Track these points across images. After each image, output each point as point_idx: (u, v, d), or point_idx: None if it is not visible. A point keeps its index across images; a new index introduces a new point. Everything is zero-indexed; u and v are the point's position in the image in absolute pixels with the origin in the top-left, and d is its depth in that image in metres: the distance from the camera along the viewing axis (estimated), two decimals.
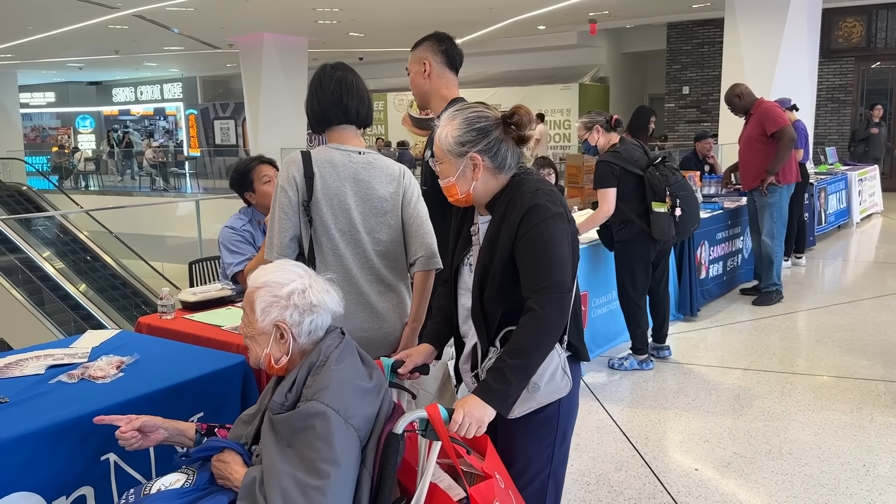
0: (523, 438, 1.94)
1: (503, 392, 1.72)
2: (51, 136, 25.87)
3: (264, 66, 14.61)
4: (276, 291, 1.72)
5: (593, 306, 4.86)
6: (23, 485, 1.85)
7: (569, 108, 17.25)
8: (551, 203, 1.82)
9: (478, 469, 1.73)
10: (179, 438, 1.87)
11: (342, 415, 1.59)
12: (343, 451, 1.56)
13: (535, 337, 1.75)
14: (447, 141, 1.89)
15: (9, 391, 2.11)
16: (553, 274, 1.77)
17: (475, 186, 1.89)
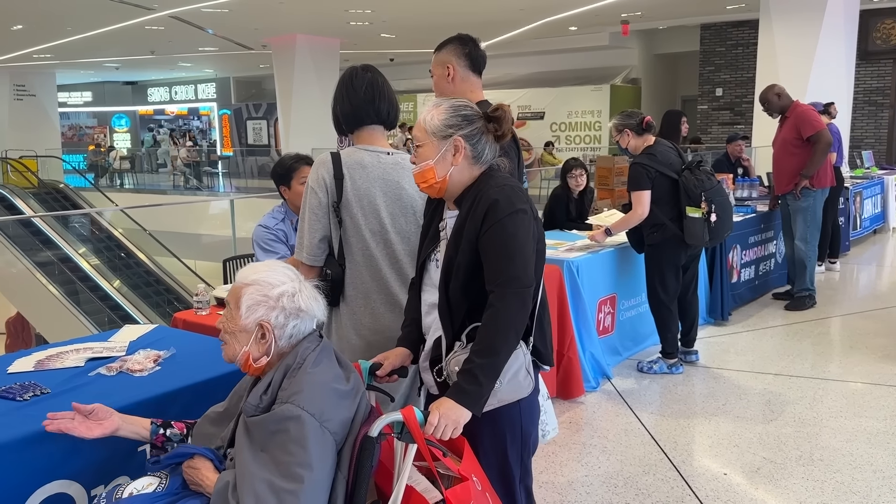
0: (486, 439, 1.94)
1: (476, 393, 1.74)
2: (87, 134, 26.36)
3: (297, 67, 14.75)
4: (266, 291, 1.71)
5: (622, 309, 4.84)
6: (63, 473, 1.90)
7: (600, 110, 17.15)
8: (516, 199, 1.85)
9: (454, 471, 1.74)
10: (136, 428, 1.85)
11: (317, 418, 1.58)
12: (318, 455, 1.56)
13: (498, 334, 1.76)
14: (433, 123, 1.91)
15: (50, 382, 2.17)
16: (515, 268, 1.79)
17: (452, 173, 1.91)
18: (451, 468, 1.75)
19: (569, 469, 3.30)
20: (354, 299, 2.34)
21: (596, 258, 4.55)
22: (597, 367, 4.43)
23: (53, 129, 20.65)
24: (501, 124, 1.92)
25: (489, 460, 1.97)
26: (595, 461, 3.37)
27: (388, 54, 17.64)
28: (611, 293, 4.71)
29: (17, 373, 2.28)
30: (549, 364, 2.03)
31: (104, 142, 24.11)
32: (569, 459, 3.39)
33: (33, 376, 2.24)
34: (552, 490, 3.11)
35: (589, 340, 4.40)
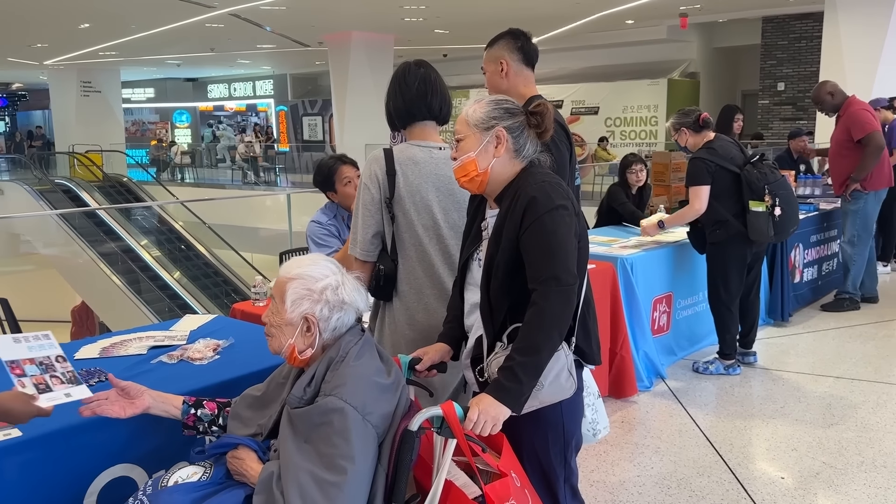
0: (528, 439, 1.93)
1: (516, 391, 1.72)
2: (150, 130, 27.13)
3: (352, 63, 14.90)
4: (310, 285, 1.73)
5: (678, 308, 4.76)
6: (127, 457, 1.97)
7: (656, 105, 16.85)
8: (555, 195, 1.82)
9: (493, 467, 1.73)
10: (168, 407, 1.88)
11: (360, 411, 1.60)
12: (360, 448, 1.57)
13: (541, 332, 1.74)
14: (476, 115, 1.91)
15: (114, 369, 2.25)
16: (556, 265, 1.76)
17: (493, 165, 1.89)
18: (491, 464, 1.75)
19: (621, 469, 3.26)
20: (408, 294, 2.35)
21: (651, 255, 4.48)
22: (651, 366, 4.36)
23: (118, 124, 21.30)
24: (543, 120, 1.90)
25: (531, 460, 1.96)
26: (648, 461, 3.32)
27: (442, 50, 17.66)
28: (667, 291, 4.63)
29: (83, 359, 2.37)
30: (595, 363, 2.01)
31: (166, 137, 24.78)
32: (621, 459, 3.36)
33: (98, 363, 2.32)
34: (603, 489, 3.08)
35: (643, 339, 4.34)
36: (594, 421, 2.44)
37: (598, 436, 2.48)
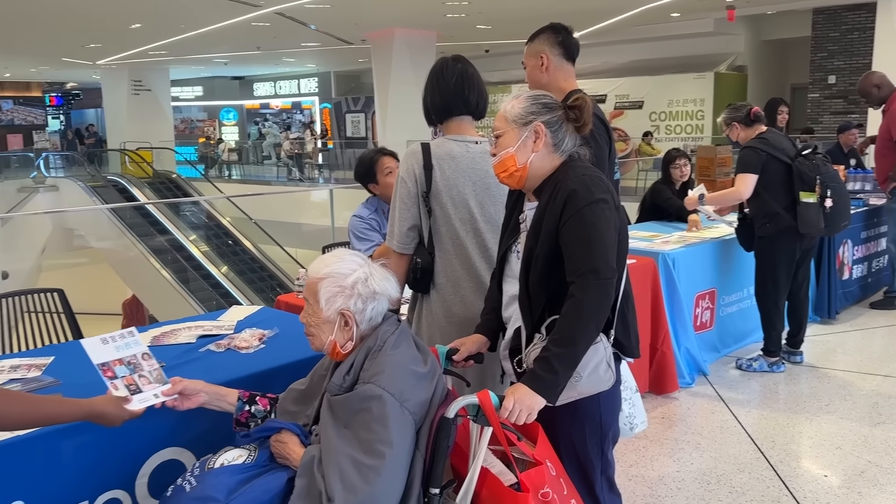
0: (565, 430, 1.95)
1: (551, 381, 1.74)
2: (198, 127, 27.70)
3: (394, 60, 14.99)
4: (341, 282, 1.77)
5: (721, 304, 4.71)
6: (177, 440, 2.06)
7: (702, 99, 16.56)
8: (595, 188, 1.83)
9: (529, 456, 1.76)
10: (221, 402, 1.94)
11: (397, 398, 1.64)
12: (398, 434, 1.61)
13: (579, 324, 1.75)
14: (514, 111, 1.93)
15: (164, 356, 2.34)
16: (595, 258, 1.77)
17: (532, 160, 1.90)
18: (526, 452, 1.78)
19: (660, 464, 3.26)
20: (445, 287, 2.39)
21: (694, 251, 4.44)
22: (692, 363, 4.33)
23: (167, 122, 21.79)
24: (582, 114, 1.91)
25: (569, 451, 1.98)
26: (688, 457, 3.31)
27: (484, 45, 17.64)
28: (710, 287, 4.58)
29: None
30: (633, 356, 2.02)
31: (214, 134, 25.28)
32: (660, 454, 3.35)
33: (149, 350, 2.41)
34: (642, 483, 3.08)
35: (684, 335, 4.30)
36: (631, 415, 2.45)
37: (634, 430, 2.48)
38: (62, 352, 2.50)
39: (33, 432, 1.80)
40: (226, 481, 1.67)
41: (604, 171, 2.58)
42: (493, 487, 1.72)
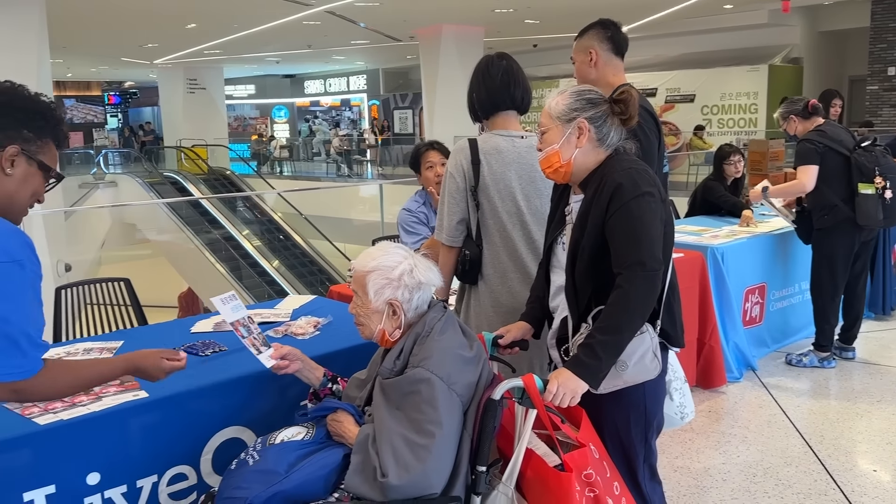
0: (610, 418, 1.99)
1: (594, 367, 1.78)
2: (251, 125, 28.26)
3: (442, 56, 15.07)
4: (388, 274, 1.85)
5: (771, 299, 4.67)
6: (239, 420, 2.18)
7: (756, 92, 16.22)
8: (642, 181, 1.86)
9: (572, 439, 1.82)
10: (309, 374, 2.07)
11: (445, 381, 1.72)
12: (446, 414, 1.70)
13: (625, 314, 1.79)
14: (557, 108, 1.96)
15: (226, 341, 2.47)
16: (642, 251, 1.80)
17: (576, 155, 1.94)
18: (570, 435, 1.84)
19: (706, 456, 3.27)
20: (493, 278, 2.47)
21: (743, 245, 4.41)
22: (741, 357, 4.31)
23: (221, 119, 22.27)
24: (627, 107, 1.94)
25: (613, 438, 2.03)
26: (734, 450, 3.31)
27: (531, 40, 17.59)
28: (760, 282, 4.55)
29: (199, 332, 2.60)
30: (679, 345, 2.05)
31: (266, 132, 25.76)
32: (706, 447, 3.36)
33: (212, 336, 2.55)
34: (687, 475, 3.10)
35: (733, 330, 4.29)
36: (682, 405, 2.49)
37: (685, 419, 2.52)
38: (130, 336, 2.66)
39: (108, 409, 1.93)
40: (286, 456, 1.77)
41: (652, 164, 2.61)
42: (537, 468, 1.79)
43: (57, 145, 1.59)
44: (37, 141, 1.54)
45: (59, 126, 1.59)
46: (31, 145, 1.53)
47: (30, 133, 1.53)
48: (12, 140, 1.51)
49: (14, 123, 1.52)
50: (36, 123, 1.54)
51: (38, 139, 1.55)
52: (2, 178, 1.51)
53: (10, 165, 1.50)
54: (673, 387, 2.43)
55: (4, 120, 1.51)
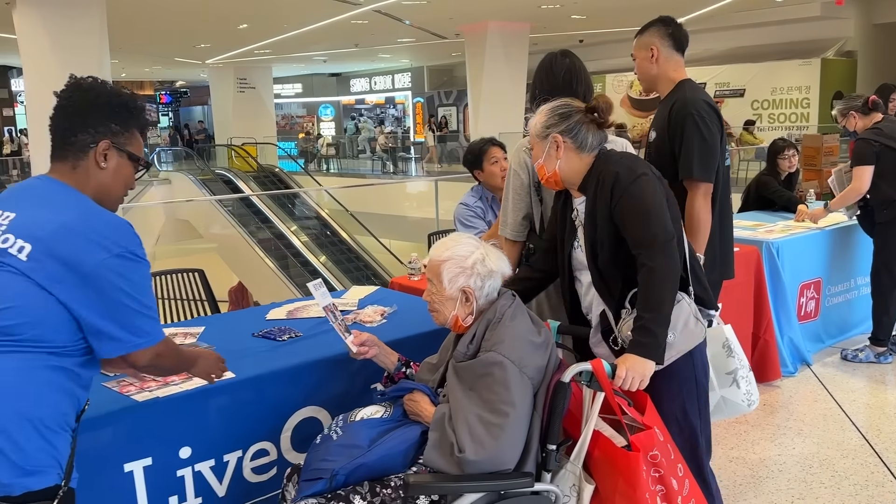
0: (667, 398, 2.07)
1: (653, 344, 1.89)
2: (298, 123, 28.72)
3: (487, 53, 15.11)
4: (461, 263, 1.96)
5: (827, 294, 4.64)
6: (315, 400, 2.31)
7: (808, 86, 15.93)
8: (635, 166, 2.02)
9: (638, 421, 1.90)
10: (385, 359, 2.20)
11: (517, 364, 1.82)
12: (518, 395, 1.79)
13: (658, 288, 1.91)
14: (535, 127, 2.14)
15: (300, 328, 2.61)
16: (653, 226, 1.94)
17: (560, 165, 2.10)
18: (636, 418, 1.92)
19: (761, 447, 3.30)
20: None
21: (799, 240, 4.40)
22: (795, 352, 4.31)
23: (270, 118, 22.71)
24: (602, 112, 2.08)
25: (673, 420, 2.10)
26: (789, 442, 3.34)
27: (577, 36, 17.53)
28: (815, 277, 4.53)
29: (274, 319, 2.75)
30: (714, 307, 2.17)
31: (313, 130, 26.17)
32: (761, 439, 3.39)
33: (287, 323, 2.69)
34: (743, 465, 3.14)
35: (788, 325, 4.29)
36: (748, 392, 2.56)
37: (751, 406, 2.58)
38: (209, 323, 2.81)
39: (199, 388, 2.07)
40: (368, 432, 1.89)
41: (715, 158, 2.68)
42: (605, 448, 1.87)
43: (141, 133, 1.71)
44: (124, 132, 1.66)
45: (142, 115, 1.71)
46: (119, 137, 1.64)
47: (117, 126, 1.64)
48: (102, 135, 1.62)
49: (102, 119, 1.62)
50: (121, 116, 1.65)
51: (124, 131, 1.66)
52: (97, 172, 1.62)
53: (103, 160, 1.62)
54: (739, 374, 2.51)
55: (93, 116, 1.62)
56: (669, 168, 2.75)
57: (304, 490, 1.80)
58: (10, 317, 1.45)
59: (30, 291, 1.46)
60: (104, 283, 1.49)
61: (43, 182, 1.61)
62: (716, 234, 2.80)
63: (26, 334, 1.45)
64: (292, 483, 1.96)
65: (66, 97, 1.62)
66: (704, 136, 2.66)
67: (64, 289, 1.47)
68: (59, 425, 1.50)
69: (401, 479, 1.80)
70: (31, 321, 1.46)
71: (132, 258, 1.53)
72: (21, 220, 1.52)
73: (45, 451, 1.46)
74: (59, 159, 1.63)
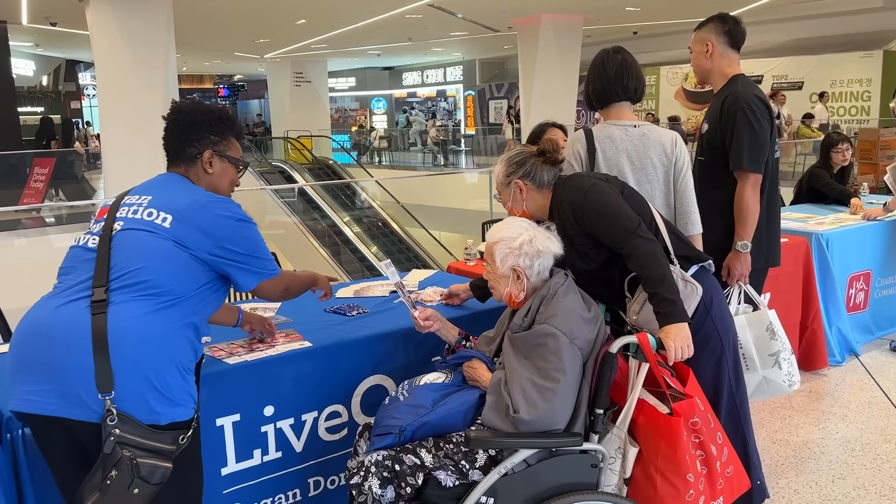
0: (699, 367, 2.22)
1: (675, 307, 2.07)
2: (351, 116, 29.17)
3: (540, 46, 15.14)
4: (510, 244, 2.14)
5: (877, 286, 4.68)
6: (382, 369, 2.53)
7: (869, 79, 15.56)
8: (579, 183, 2.27)
9: (680, 391, 2.06)
10: (447, 333, 2.42)
11: (568, 336, 1.99)
12: (569, 364, 1.97)
13: (650, 265, 2.11)
14: (498, 177, 2.41)
15: (367, 305, 2.83)
16: (621, 222, 2.17)
17: (526, 205, 2.35)
18: (678, 388, 2.08)
19: (805, 431, 3.41)
20: None
21: (849, 232, 4.46)
22: (843, 342, 4.37)
23: (324, 111, 23.12)
24: (553, 153, 2.33)
25: (709, 385, 2.28)
26: (833, 427, 3.43)
27: (632, 28, 17.43)
28: (865, 269, 4.58)
29: (343, 298, 2.98)
30: (706, 259, 2.37)
31: (365, 123, 26.55)
32: (805, 423, 3.49)
33: (354, 300, 2.91)
34: (785, 447, 3.26)
35: (836, 315, 4.35)
36: (790, 374, 2.72)
37: (792, 387, 2.73)
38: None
39: (281, 354, 2.31)
40: (431, 394, 2.10)
41: (765, 150, 2.82)
42: (649, 414, 2.04)
43: (237, 139, 2.07)
44: (222, 141, 2.02)
45: (235, 124, 2.07)
46: (218, 146, 2.00)
47: (215, 136, 2.01)
48: (205, 146, 1.98)
49: (202, 132, 1.98)
50: (217, 127, 2.01)
51: (223, 139, 2.02)
52: (206, 176, 1.99)
53: (209, 166, 1.99)
54: (781, 357, 2.67)
55: (195, 132, 1.97)
56: (720, 158, 2.90)
57: (376, 443, 2.02)
58: (156, 271, 1.76)
59: (173, 251, 1.79)
60: (234, 241, 1.86)
61: (169, 175, 1.99)
62: (763, 223, 2.94)
63: (166, 287, 1.76)
64: (364, 439, 2.18)
65: (171, 120, 2.00)
66: (755, 129, 2.80)
67: (203, 249, 1.82)
68: (189, 370, 1.81)
69: (461, 436, 2.00)
70: (171, 276, 1.78)
71: (249, 221, 1.91)
72: (158, 199, 1.87)
73: (185, 389, 1.77)
74: (174, 167, 2.00)
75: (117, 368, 1.66)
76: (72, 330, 1.68)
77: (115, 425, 1.63)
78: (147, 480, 1.64)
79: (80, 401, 1.65)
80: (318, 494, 2.46)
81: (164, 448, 1.69)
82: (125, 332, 1.69)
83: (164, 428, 1.71)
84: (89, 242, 1.84)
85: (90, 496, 1.62)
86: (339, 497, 2.47)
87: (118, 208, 1.88)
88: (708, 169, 2.98)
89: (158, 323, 1.74)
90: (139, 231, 1.81)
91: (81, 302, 1.72)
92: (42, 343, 1.70)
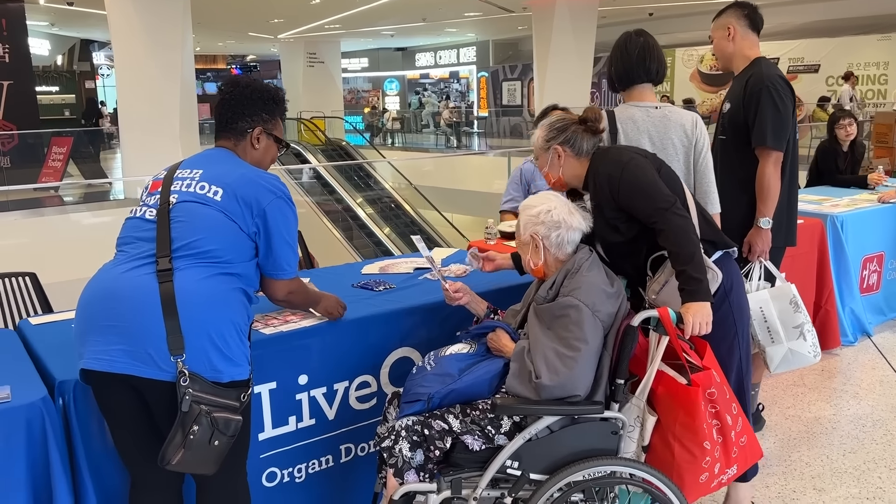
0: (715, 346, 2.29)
1: (700, 286, 2.12)
2: (364, 97, 29.17)
3: (555, 26, 15.07)
4: (530, 212, 2.25)
5: (889, 268, 4.74)
6: (409, 342, 2.63)
7: (886, 62, 15.43)
8: (618, 157, 2.28)
9: (697, 363, 2.14)
10: (476, 306, 2.51)
11: (590, 308, 2.07)
12: (590, 334, 2.05)
13: (682, 243, 2.14)
14: (538, 142, 2.42)
15: (393, 281, 2.93)
16: (656, 197, 2.19)
17: (563, 171, 2.38)
18: (695, 361, 2.16)
19: (816, 407, 3.49)
20: None
21: (863, 214, 4.51)
22: (856, 323, 4.44)
23: (337, 92, 23.14)
24: (595, 122, 2.36)
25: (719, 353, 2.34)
26: (845, 404, 3.51)
27: (647, 9, 17.33)
28: (878, 251, 4.63)
29: (369, 274, 3.08)
30: (730, 246, 2.42)
31: (378, 104, 26.55)
32: (817, 400, 3.57)
33: (381, 277, 3.01)
34: (797, 422, 3.34)
35: (849, 296, 4.42)
36: (814, 344, 2.86)
37: (817, 357, 2.87)
38: (312, 275, 3.15)
39: (314, 325, 2.41)
40: (457, 364, 2.20)
41: (788, 127, 2.89)
42: (667, 385, 2.13)
43: (282, 120, 2.16)
44: (272, 119, 2.12)
45: (284, 105, 2.16)
46: (268, 124, 2.11)
47: (266, 115, 2.10)
48: (257, 123, 2.07)
49: (256, 109, 2.07)
50: (269, 107, 2.11)
51: (272, 118, 2.12)
52: (252, 150, 2.09)
53: (257, 142, 2.08)
54: (805, 328, 2.79)
55: (249, 108, 2.06)
56: (743, 136, 2.97)
57: (406, 410, 2.12)
58: (213, 242, 1.88)
59: (225, 223, 1.89)
60: (270, 219, 1.95)
61: (217, 150, 2.08)
62: (784, 202, 3.01)
63: (224, 257, 1.88)
64: (393, 406, 2.28)
65: (227, 92, 2.08)
66: (778, 107, 2.87)
67: (246, 222, 1.92)
68: (244, 332, 1.93)
69: (487, 403, 2.10)
70: (226, 246, 1.89)
71: (290, 201, 2.00)
72: (209, 173, 1.97)
73: (242, 350, 1.90)
74: (223, 139, 2.09)
75: (187, 331, 1.78)
76: (141, 293, 1.80)
77: (188, 385, 1.76)
78: (224, 433, 1.78)
79: (149, 359, 1.78)
80: (349, 461, 2.57)
81: (231, 404, 1.82)
82: (190, 295, 1.81)
83: (226, 385, 1.84)
84: (146, 214, 1.94)
85: (175, 455, 1.75)
86: (369, 463, 2.58)
87: (171, 181, 1.98)
88: (729, 147, 3.05)
89: (218, 285, 1.87)
90: (194, 203, 1.91)
91: (147, 268, 1.84)
92: (112, 304, 1.82)
